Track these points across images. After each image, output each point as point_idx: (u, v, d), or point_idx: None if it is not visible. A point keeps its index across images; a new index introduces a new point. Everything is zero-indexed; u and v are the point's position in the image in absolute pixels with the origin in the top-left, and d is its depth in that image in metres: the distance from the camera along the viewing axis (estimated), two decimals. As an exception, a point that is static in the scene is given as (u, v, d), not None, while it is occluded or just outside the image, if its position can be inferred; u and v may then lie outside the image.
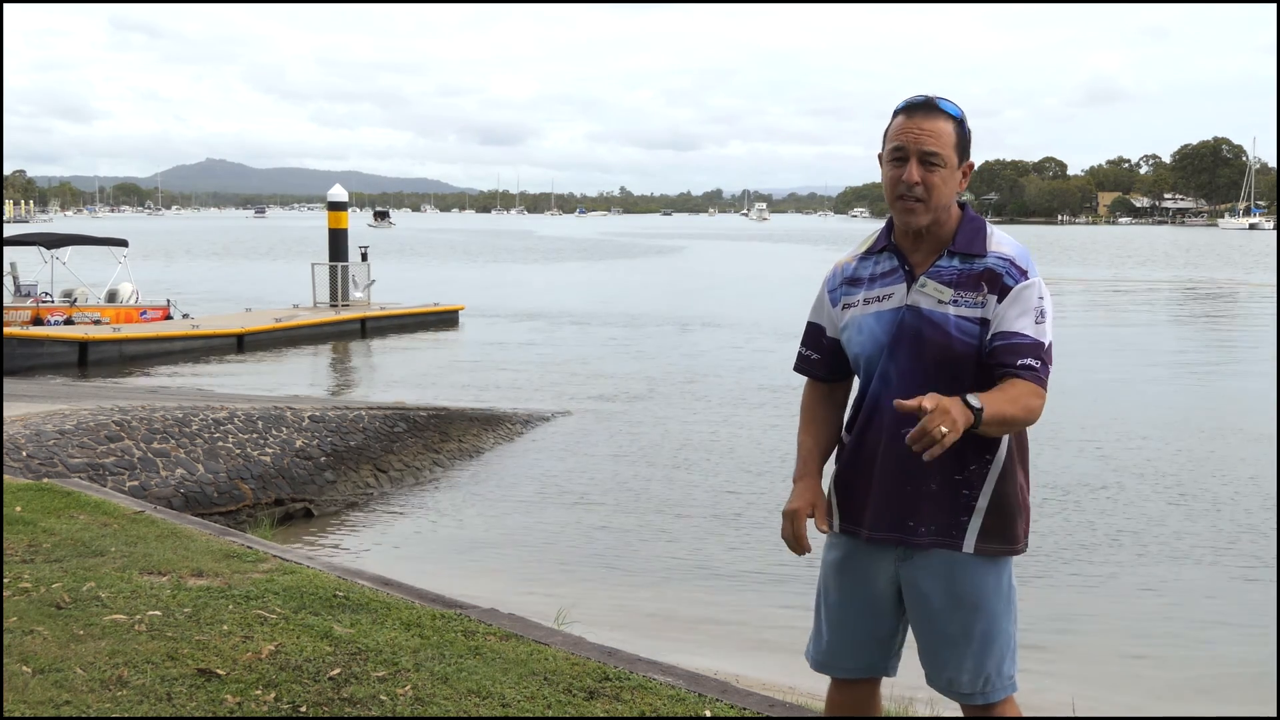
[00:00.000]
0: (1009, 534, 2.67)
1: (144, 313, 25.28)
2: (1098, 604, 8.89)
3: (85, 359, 21.55)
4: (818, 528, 2.77)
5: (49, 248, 25.53)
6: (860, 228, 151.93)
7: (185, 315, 26.31)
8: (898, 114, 2.65)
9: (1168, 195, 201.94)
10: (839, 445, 2.85)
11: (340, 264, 29.71)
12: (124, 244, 26.64)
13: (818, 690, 3.02)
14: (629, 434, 15.17)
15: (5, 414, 10.60)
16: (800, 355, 2.91)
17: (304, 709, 3.75)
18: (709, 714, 3.81)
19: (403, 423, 13.79)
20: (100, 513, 6.64)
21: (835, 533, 2.80)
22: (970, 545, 2.64)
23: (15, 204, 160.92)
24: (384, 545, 10.49)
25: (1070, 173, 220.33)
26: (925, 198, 2.60)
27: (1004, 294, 2.59)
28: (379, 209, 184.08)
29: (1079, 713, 6.14)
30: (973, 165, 2.69)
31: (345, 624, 4.64)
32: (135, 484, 10.39)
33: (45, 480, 8.13)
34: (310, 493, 11.74)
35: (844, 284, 2.79)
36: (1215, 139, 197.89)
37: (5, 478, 7.70)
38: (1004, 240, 2.67)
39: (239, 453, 11.62)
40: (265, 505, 11.24)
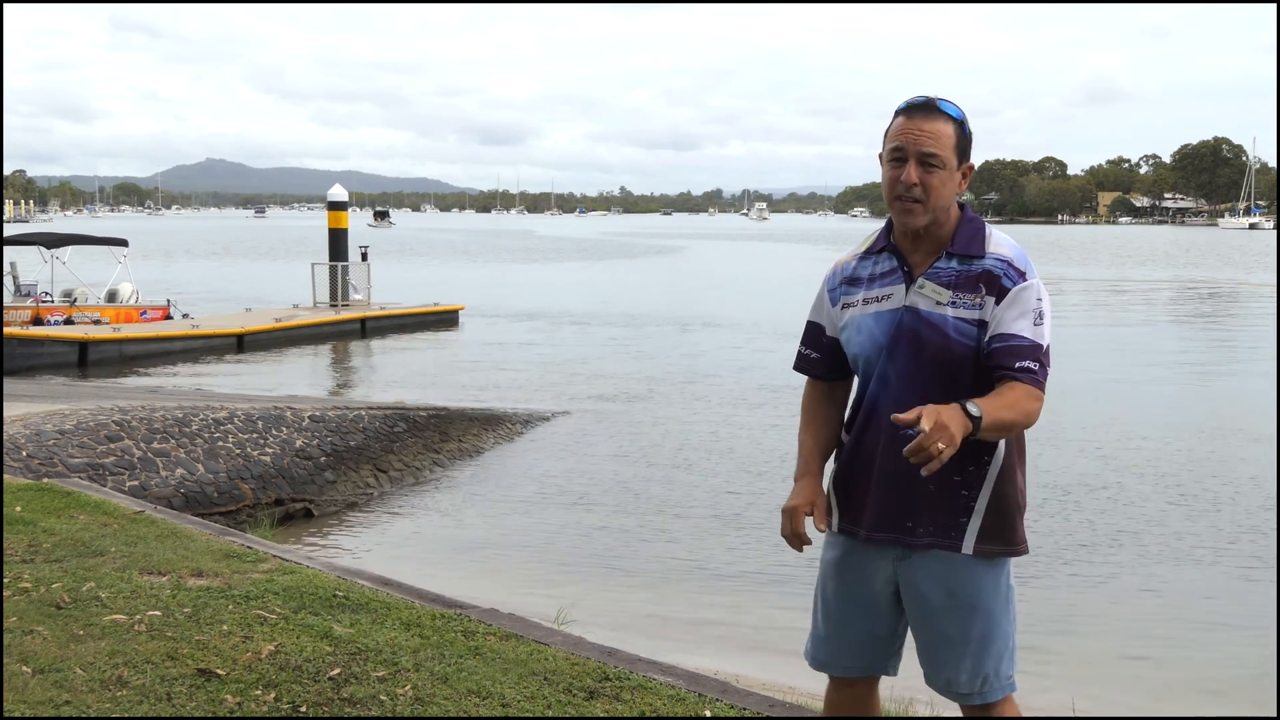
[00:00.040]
0: (1009, 535, 2.67)
1: (144, 313, 25.29)
2: (1098, 604, 8.89)
3: (85, 359, 21.55)
4: (816, 526, 2.77)
5: (49, 247, 25.55)
6: (860, 227, 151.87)
7: (185, 315, 26.32)
8: (898, 114, 2.65)
9: (1168, 195, 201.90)
10: (839, 445, 2.85)
11: (340, 264, 29.71)
12: (124, 244, 26.65)
13: (818, 690, 3.02)
14: (629, 434, 15.18)
15: (5, 414, 10.60)
16: (800, 354, 2.91)
17: (304, 709, 3.75)
18: (709, 714, 3.81)
19: (403, 423, 13.79)
20: (100, 513, 6.64)
21: (834, 532, 2.80)
22: (969, 547, 2.64)
23: (15, 204, 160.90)
24: (384, 545, 10.49)
25: (1070, 173, 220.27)
26: (923, 199, 2.60)
27: (1002, 296, 2.59)
28: (379, 209, 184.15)
29: (1079, 713, 6.14)
30: (972, 167, 2.69)
31: (345, 624, 4.64)
32: (135, 484, 10.39)
33: (45, 480, 8.13)
34: (310, 493, 11.74)
35: (843, 283, 2.79)
36: (1215, 139, 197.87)
37: (5, 478, 7.70)
38: (1002, 241, 2.67)
39: (239, 453, 11.62)
40: (265, 505, 11.24)
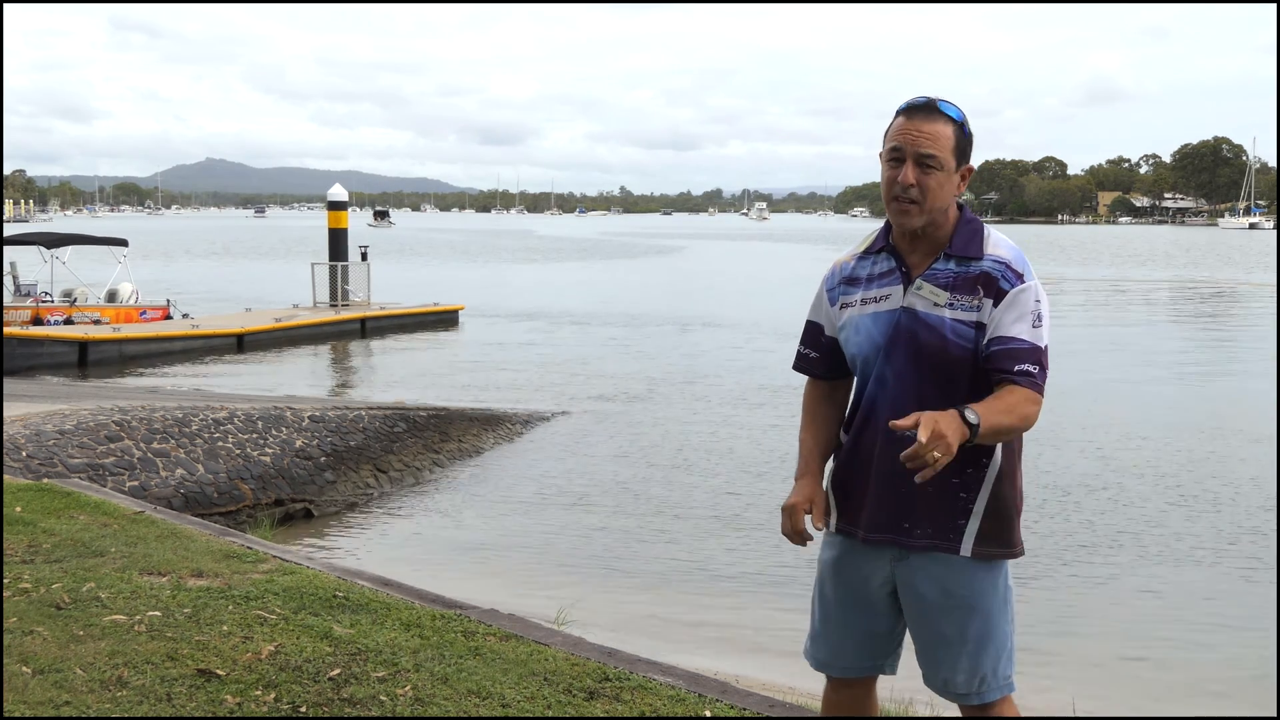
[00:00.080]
0: (1006, 537, 2.67)
1: (144, 313, 25.29)
2: (1098, 605, 8.88)
3: (85, 359, 21.55)
4: (814, 524, 2.77)
5: (49, 247, 25.55)
6: (860, 227, 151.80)
7: (185, 315, 26.32)
8: (898, 115, 2.65)
9: (1168, 195, 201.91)
10: (839, 444, 2.85)
11: (340, 264, 29.71)
12: (124, 244, 26.65)
13: (818, 690, 3.02)
14: (629, 434, 15.17)
15: (5, 414, 10.60)
16: (799, 354, 2.91)
17: (304, 709, 3.75)
18: (709, 714, 3.81)
19: (403, 423, 13.79)
20: (100, 513, 6.64)
21: (832, 532, 2.80)
22: (968, 549, 2.64)
23: (15, 204, 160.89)
24: (384, 546, 10.49)
25: (1070, 172, 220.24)
26: (919, 200, 2.60)
27: (1000, 298, 2.58)
28: (379, 209, 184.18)
29: (1079, 713, 6.14)
30: (971, 169, 2.68)
31: (345, 624, 4.64)
32: (135, 484, 10.39)
33: (45, 480, 8.13)
34: (310, 493, 11.74)
35: (842, 283, 2.79)
36: (1215, 139, 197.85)
37: (5, 478, 7.70)
38: (1000, 243, 2.67)
39: (239, 453, 11.62)
40: (265, 505, 11.23)
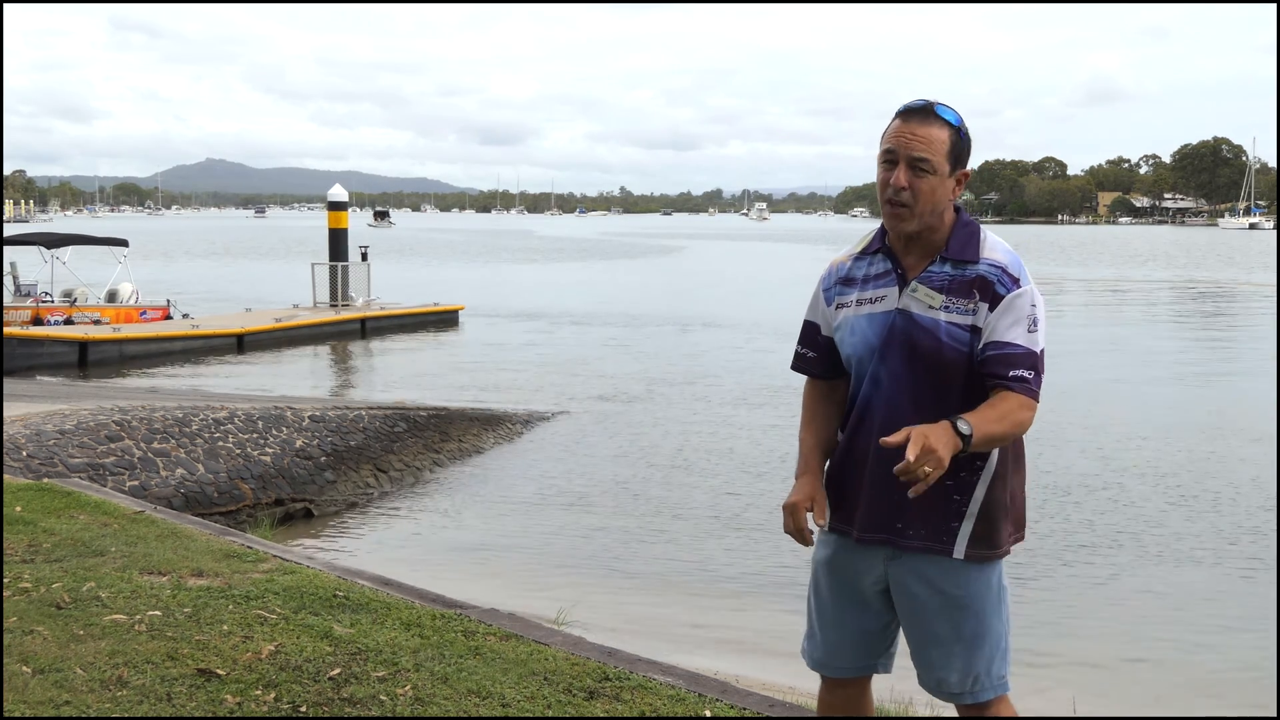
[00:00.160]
0: (996, 538, 2.68)
1: (144, 313, 25.29)
2: (1097, 605, 8.88)
3: (85, 359, 21.55)
4: (815, 521, 2.78)
5: (49, 247, 25.56)
6: (860, 227, 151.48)
7: (185, 315, 26.32)
8: (896, 117, 2.65)
9: (1168, 195, 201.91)
10: (838, 443, 2.85)
11: (340, 264, 29.70)
12: (124, 244, 26.65)
13: (817, 690, 3.02)
14: (629, 435, 15.18)
15: (5, 414, 10.60)
16: (797, 354, 2.91)
17: (304, 709, 3.75)
18: (709, 714, 3.82)
19: (403, 423, 13.79)
20: (100, 513, 6.64)
21: (826, 531, 2.81)
22: (961, 551, 2.64)
23: (15, 204, 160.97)
24: (384, 545, 10.49)
25: (1070, 173, 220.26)
26: (911, 203, 2.59)
27: (995, 302, 2.58)
28: (379, 209, 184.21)
29: (1079, 713, 6.15)
30: (968, 174, 2.67)
31: (345, 624, 4.64)
32: (135, 484, 10.39)
33: (45, 480, 8.13)
34: (310, 493, 11.75)
35: (838, 283, 2.80)
36: (1215, 139, 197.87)
37: (5, 478, 7.70)
38: (997, 246, 2.66)
39: (239, 453, 11.63)
40: (265, 505, 11.24)
